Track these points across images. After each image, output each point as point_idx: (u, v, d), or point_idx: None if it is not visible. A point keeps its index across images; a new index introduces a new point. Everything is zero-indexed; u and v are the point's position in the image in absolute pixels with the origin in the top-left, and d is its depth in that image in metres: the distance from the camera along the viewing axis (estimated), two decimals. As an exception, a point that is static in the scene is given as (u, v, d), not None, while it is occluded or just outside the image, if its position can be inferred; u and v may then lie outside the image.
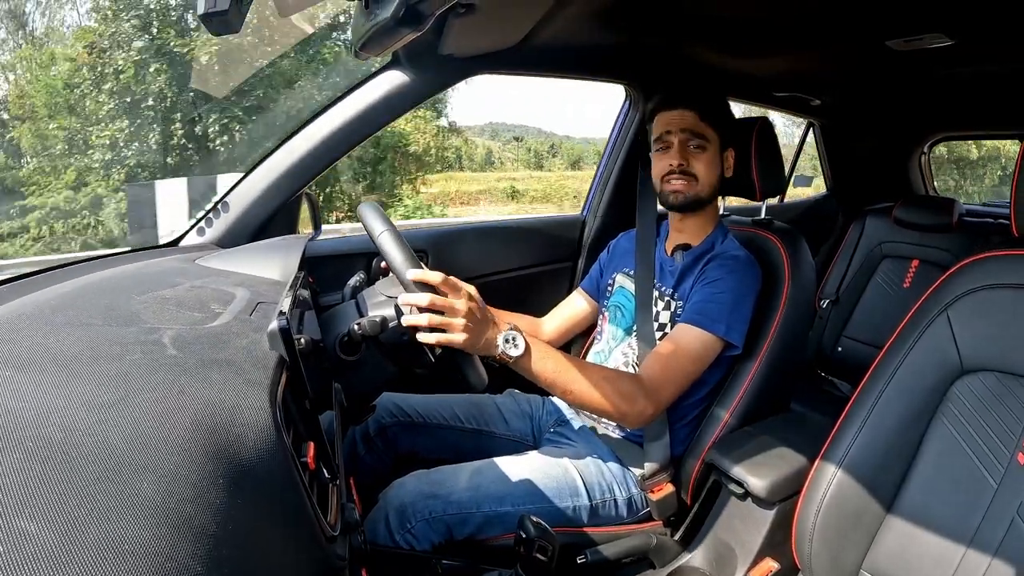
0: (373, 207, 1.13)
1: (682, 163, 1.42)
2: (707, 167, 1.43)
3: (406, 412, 1.49)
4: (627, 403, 1.22)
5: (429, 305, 1.01)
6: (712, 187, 1.46)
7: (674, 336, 1.34)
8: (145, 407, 0.50)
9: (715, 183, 1.46)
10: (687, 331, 1.33)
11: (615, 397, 1.20)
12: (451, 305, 1.03)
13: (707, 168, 1.43)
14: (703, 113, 1.42)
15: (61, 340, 0.59)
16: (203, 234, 1.48)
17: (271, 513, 0.54)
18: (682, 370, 1.31)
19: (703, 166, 1.43)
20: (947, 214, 2.48)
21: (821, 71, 2.12)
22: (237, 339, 0.71)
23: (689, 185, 1.43)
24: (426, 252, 1.84)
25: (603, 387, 1.20)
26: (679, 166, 1.43)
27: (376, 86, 1.53)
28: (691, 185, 1.43)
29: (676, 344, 1.32)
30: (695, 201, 1.45)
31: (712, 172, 1.45)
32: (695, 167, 1.43)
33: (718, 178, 1.47)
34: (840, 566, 1.09)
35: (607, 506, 1.36)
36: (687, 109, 1.42)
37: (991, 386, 1.01)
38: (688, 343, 1.32)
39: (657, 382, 1.27)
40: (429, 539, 1.22)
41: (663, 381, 1.28)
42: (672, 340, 1.34)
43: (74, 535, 0.35)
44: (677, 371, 1.30)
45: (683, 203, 1.45)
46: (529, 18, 1.42)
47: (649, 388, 1.26)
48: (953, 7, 1.38)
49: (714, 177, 1.46)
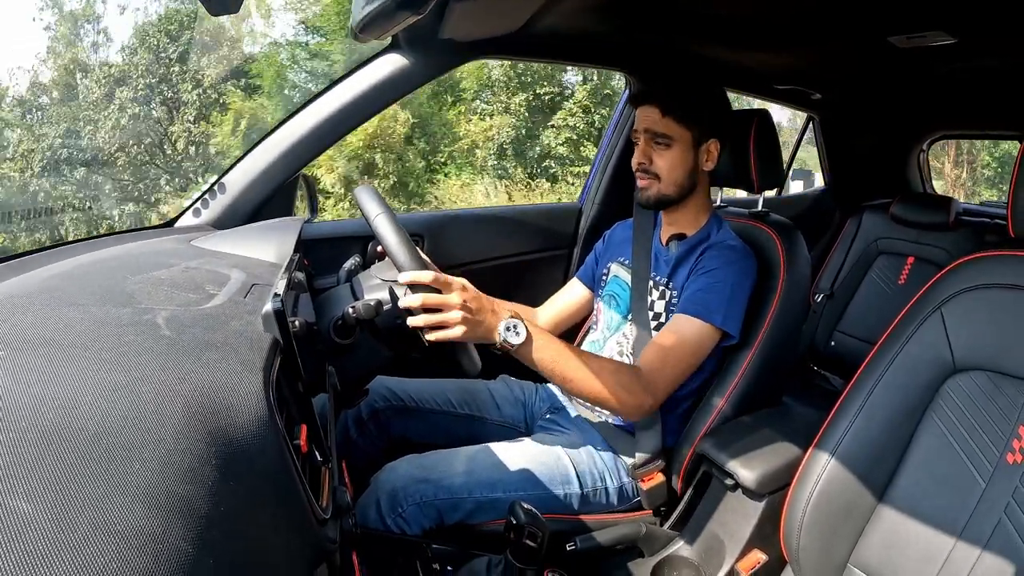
0: (370, 190, 1.13)
1: (643, 161, 1.42)
2: (670, 165, 1.41)
3: (399, 396, 1.50)
4: (626, 394, 1.23)
5: (422, 305, 1.01)
6: (678, 184, 1.43)
7: (672, 327, 1.35)
8: (139, 389, 0.50)
9: (681, 180, 1.43)
10: (685, 322, 1.33)
11: (615, 388, 1.21)
12: (444, 301, 1.03)
13: (670, 166, 1.41)
14: (667, 110, 1.39)
15: (55, 321, 0.58)
16: (199, 215, 1.47)
17: (263, 495, 0.54)
18: (681, 361, 1.31)
19: (665, 164, 1.41)
20: (944, 212, 2.48)
21: (822, 66, 2.11)
22: (231, 321, 0.71)
23: (651, 184, 1.42)
24: (422, 236, 1.84)
25: (603, 377, 1.20)
26: (639, 164, 1.42)
27: (375, 69, 1.52)
28: (653, 183, 1.42)
29: (674, 335, 1.32)
30: (659, 200, 1.44)
31: (678, 169, 1.42)
32: (657, 165, 1.41)
33: (687, 174, 1.43)
34: (828, 559, 1.09)
35: (598, 494, 1.36)
36: (651, 106, 1.40)
37: (982, 385, 1.02)
38: (686, 334, 1.32)
39: (656, 374, 1.28)
40: (420, 523, 1.22)
41: (662, 373, 1.29)
42: (670, 331, 1.34)
43: (67, 515, 0.35)
44: (676, 362, 1.30)
45: (646, 201, 1.45)
46: (530, 4, 1.41)
47: (648, 380, 1.26)
48: (956, 5, 1.37)
49: (680, 174, 1.42)
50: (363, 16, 0.96)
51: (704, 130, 1.42)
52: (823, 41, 1.75)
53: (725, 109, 1.53)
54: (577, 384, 1.19)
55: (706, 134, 1.43)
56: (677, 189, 1.43)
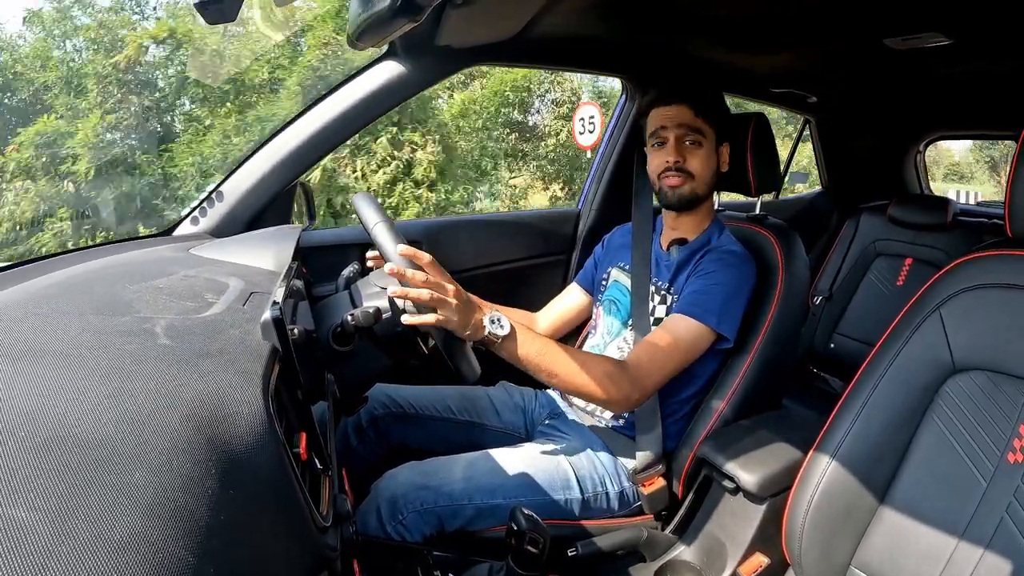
0: (368, 198, 1.13)
1: (678, 160, 1.42)
2: (703, 163, 1.43)
3: (399, 403, 1.49)
4: (613, 386, 1.21)
5: (422, 284, 1.01)
6: (708, 183, 1.46)
7: (665, 325, 1.35)
8: (138, 397, 0.50)
9: (711, 179, 1.46)
10: (679, 320, 1.33)
11: (601, 379, 1.20)
12: (440, 283, 1.03)
13: (703, 164, 1.43)
14: (698, 108, 1.41)
15: (54, 330, 0.58)
16: (197, 223, 1.47)
17: (263, 503, 0.54)
18: (670, 358, 1.30)
19: (699, 162, 1.42)
20: (941, 213, 2.49)
21: (818, 68, 2.12)
22: (230, 329, 0.71)
23: (685, 182, 1.43)
24: (420, 244, 1.84)
25: (588, 370, 1.19)
26: (675, 163, 1.42)
27: (372, 77, 1.52)
28: (687, 182, 1.43)
29: (666, 332, 1.32)
30: (692, 198, 1.44)
31: (708, 168, 1.44)
32: (691, 163, 1.42)
33: (713, 174, 1.46)
34: (830, 561, 1.09)
35: (599, 499, 1.36)
36: (683, 104, 1.42)
37: (982, 385, 1.01)
38: (678, 332, 1.32)
39: (644, 368, 1.27)
40: (420, 530, 1.22)
41: (650, 367, 1.28)
42: (663, 328, 1.34)
43: (66, 525, 0.35)
44: (665, 358, 1.30)
45: (679, 200, 1.45)
46: (526, 10, 1.41)
47: (635, 374, 1.25)
48: (952, 7, 1.38)
49: (710, 173, 1.45)
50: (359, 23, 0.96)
51: (722, 132, 1.45)
52: (819, 43, 1.76)
53: (729, 114, 1.54)
54: (562, 378, 1.17)
55: (723, 136, 1.46)
56: (707, 188, 1.46)
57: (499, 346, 1.12)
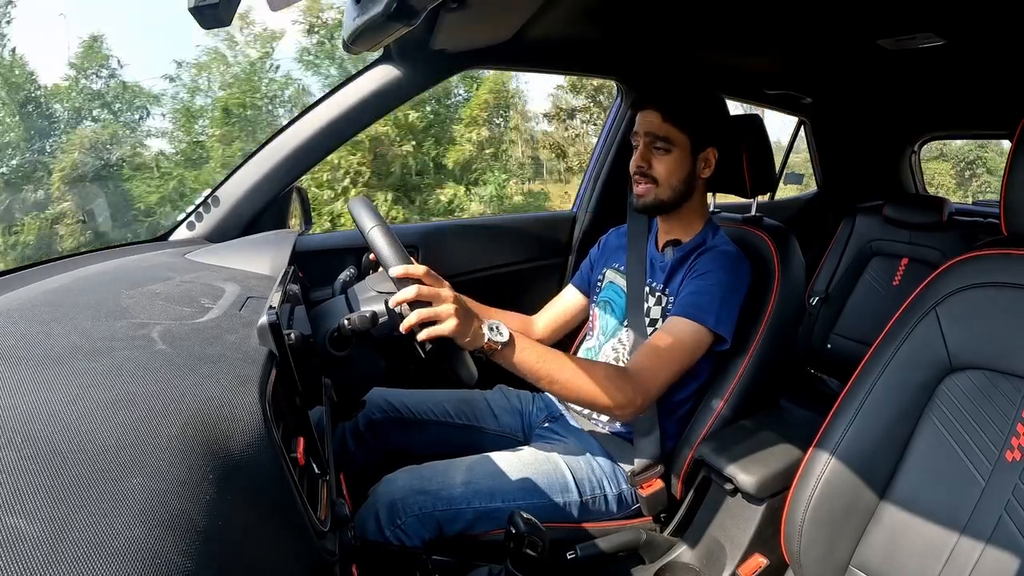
0: (364, 202, 1.13)
1: (642, 165, 1.41)
2: (669, 169, 1.40)
3: (396, 408, 1.49)
4: (616, 393, 1.20)
5: (416, 296, 1.01)
6: (675, 190, 1.43)
7: (664, 328, 1.34)
8: (135, 403, 0.50)
9: (679, 185, 1.43)
10: (677, 322, 1.33)
11: (603, 386, 1.19)
12: (437, 293, 1.03)
13: (669, 170, 1.40)
14: (669, 115, 1.38)
15: (50, 335, 0.58)
16: (193, 228, 1.47)
17: (261, 509, 0.54)
18: (671, 361, 1.30)
19: (664, 168, 1.40)
20: (937, 213, 2.50)
21: (812, 69, 2.13)
22: (227, 334, 0.71)
23: (649, 188, 1.42)
24: (416, 248, 1.84)
25: (590, 376, 1.19)
26: (638, 168, 1.42)
27: (367, 81, 1.52)
28: (651, 188, 1.41)
29: (667, 336, 1.32)
30: (656, 205, 1.43)
31: (676, 174, 1.41)
32: (656, 169, 1.40)
33: (684, 180, 1.43)
34: (829, 561, 1.09)
35: (597, 502, 1.36)
36: (653, 110, 1.40)
37: (980, 384, 1.02)
38: (678, 334, 1.31)
39: (646, 373, 1.26)
40: (419, 535, 1.21)
41: (652, 372, 1.27)
42: (663, 332, 1.33)
43: (64, 532, 0.35)
44: (666, 362, 1.29)
45: (643, 208, 1.44)
46: (520, 14, 1.41)
47: (637, 379, 1.25)
48: (945, 7, 1.38)
49: (678, 179, 1.42)
50: (354, 28, 0.96)
51: (703, 137, 1.41)
52: (813, 43, 1.77)
53: (724, 116, 1.52)
54: (563, 384, 1.17)
55: (705, 141, 1.42)
56: (673, 194, 1.43)
57: (499, 354, 1.11)
